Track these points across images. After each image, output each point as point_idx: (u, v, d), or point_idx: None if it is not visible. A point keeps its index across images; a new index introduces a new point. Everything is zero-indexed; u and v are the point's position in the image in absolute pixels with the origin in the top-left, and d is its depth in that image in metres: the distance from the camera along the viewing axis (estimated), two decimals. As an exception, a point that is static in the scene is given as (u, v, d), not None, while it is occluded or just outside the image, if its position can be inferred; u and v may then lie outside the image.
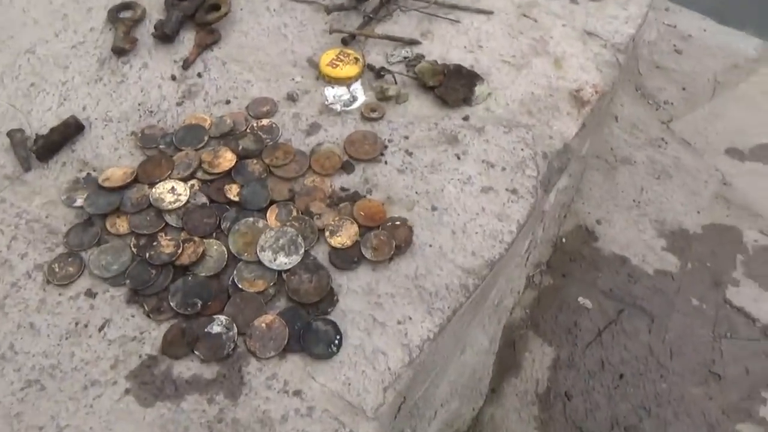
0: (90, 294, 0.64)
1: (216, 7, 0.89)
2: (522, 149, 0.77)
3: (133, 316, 0.63)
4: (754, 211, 1.58)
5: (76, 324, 0.62)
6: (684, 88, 1.84)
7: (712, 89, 1.87)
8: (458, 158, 0.76)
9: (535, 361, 1.41)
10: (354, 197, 0.72)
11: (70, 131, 0.75)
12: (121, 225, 0.68)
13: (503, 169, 0.75)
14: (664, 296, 1.50)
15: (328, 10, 0.88)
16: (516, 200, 0.72)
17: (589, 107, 0.83)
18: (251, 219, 0.68)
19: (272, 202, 0.70)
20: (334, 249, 0.67)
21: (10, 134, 0.74)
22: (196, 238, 0.67)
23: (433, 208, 0.71)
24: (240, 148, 0.74)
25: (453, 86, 0.81)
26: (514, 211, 0.71)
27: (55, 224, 0.69)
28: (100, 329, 0.62)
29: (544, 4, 0.96)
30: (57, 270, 0.65)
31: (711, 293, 1.49)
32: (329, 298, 0.64)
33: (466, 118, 0.80)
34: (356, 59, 0.84)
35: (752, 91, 1.84)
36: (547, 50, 0.89)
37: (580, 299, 1.54)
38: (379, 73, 0.83)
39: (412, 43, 0.88)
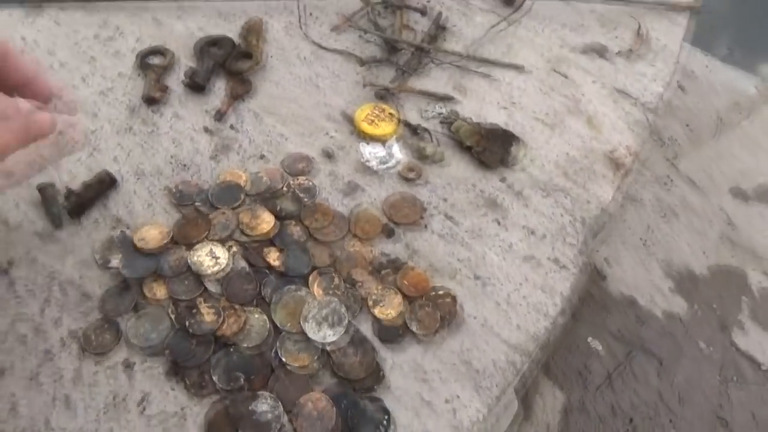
0: (128, 365, 0.62)
1: (247, 55, 0.88)
2: (561, 215, 0.76)
3: (173, 390, 0.61)
4: (758, 254, 1.60)
5: (114, 398, 0.60)
6: (688, 125, 1.87)
7: (716, 128, 1.90)
8: (498, 224, 0.75)
9: (546, 405, 1.41)
10: (396, 264, 0.71)
11: (104, 186, 0.72)
12: (159, 290, 0.66)
13: (544, 236, 0.75)
14: (672, 339, 1.51)
15: (362, 63, 0.87)
16: (558, 270, 0.72)
17: (623, 170, 0.83)
18: (293, 287, 0.67)
19: (314, 269, 0.69)
20: (378, 321, 0.66)
21: (40, 189, 0.71)
22: (237, 307, 0.65)
23: (476, 277, 0.71)
24: (278, 208, 0.73)
25: (490, 147, 0.81)
26: (557, 282, 0.71)
27: (89, 287, 0.67)
28: (139, 403, 0.60)
29: (573, 59, 0.96)
30: (93, 338, 0.63)
31: (718, 337, 1.51)
32: (375, 374, 0.63)
33: (503, 180, 0.80)
34: (391, 115, 0.83)
35: (754, 131, 1.88)
36: (580, 108, 0.89)
37: (590, 339, 1.55)
38: (415, 130, 0.82)
39: (446, 98, 0.87)
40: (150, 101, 0.82)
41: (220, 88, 0.86)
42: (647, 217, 1.69)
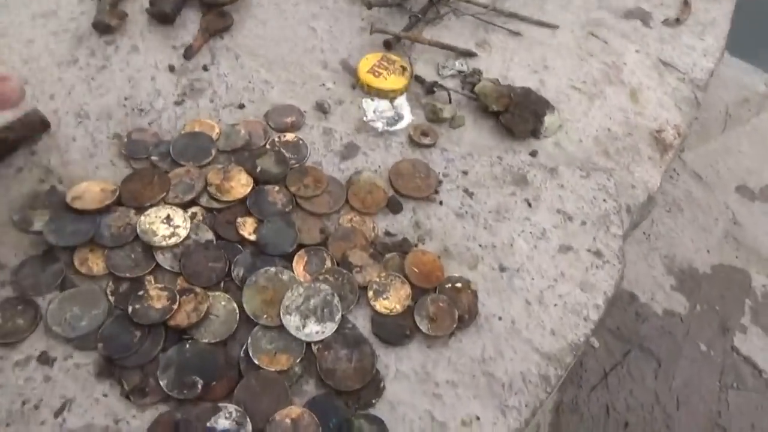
0: (45, 360, 0.46)
1: (230, -15, 0.72)
2: (604, 200, 0.63)
3: (105, 396, 0.45)
4: (763, 255, 1.51)
5: (23, 403, 0.44)
6: (696, 118, 1.77)
7: (724, 122, 1.81)
8: (529, 205, 0.61)
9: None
10: (403, 246, 0.56)
11: (30, 130, 0.56)
12: (95, 262, 0.51)
13: (583, 223, 0.61)
14: (671, 339, 1.42)
15: (369, 5, 0.72)
16: (601, 265, 0.58)
17: (671, 152, 0.70)
18: (273, 268, 0.52)
19: (300, 246, 0.55)
20: (379, 315, 0.52)
21: (-54, 124, 0.55)
22: (198, 289, 0.50)
23: (502, 268, 0.57)
24: (258, 169, 0.58)
25: (521, 114, 0.67)
26: (600, 280, 0.57)
27: (2, 253, 0.51)
28: (57, 414, 0.44)
29: (614, 24, 0.83)
30: (0, 322, 0.47)
31: (719, 339, 1.42)
32: (374, 384, 0.49)
33: (533, 154, 0.66)
34: (403, 68, 0.69)
35: (763, 128, 1.79)
36: (621, 79, 0.76)
37: (587, 342, 1.44)
38: (431, 88, 0.68)
39: (468, 54, 0.73)
40: (103, 29, 0.66)
41: (193, 21, 0.70)
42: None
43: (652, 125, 0.72)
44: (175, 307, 0.48)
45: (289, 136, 0.62)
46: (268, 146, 0.61)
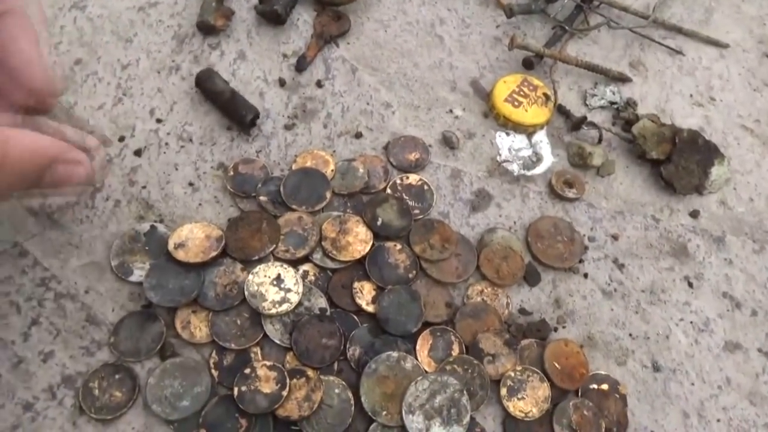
0: (144, 441, 0.42)
1: (348, -20, 0.62)
2: (781, 284, 0.53)
3: (207, 491, 0.41)
4: None
5: (120, 491, 0.41)
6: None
7: None
8: (689, 285, 0.52)
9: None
10: (542, 331, 0.48)
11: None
12: (198, 326, 0.45)
13: (754, 313, 0.51)
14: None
15: (510, 12, 0.61)
16: (775, 371, 0.49)
17: None
18: (395, 354, 0.45)
19: (425, 325, 0.47)
20: (513, 420, 0.45)
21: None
22: (310, 372, 0.44)
23: (656, 367, 0.48)
24: (379, 221, 0.50)
25: (685, 165, 0.56)
26: (774, 391, 0.48)
27: (98, 307, 0.46)
28: (157, 507, 0.40)
29: (794, 44, 0.68)
30: (97, 392, 0.43)
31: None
32: (505, 507, 0.42)
33: (694, 215, 0.55)
34: (546, 97, 0.58)
35: None
36: (803, 119, 0.63)
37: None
38: (578, 124, 0.57)
39: (622, 79, 0.61)
40: (207, 29, 0.58)
41: (305, 22, 0.61)
42: None
43: (840, 184, 0.59)
44: (285, 393, 0.43)
45: (413, 179, 0.53)
46: (389, 190, 0.52)
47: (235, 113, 0.54)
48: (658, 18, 0.65)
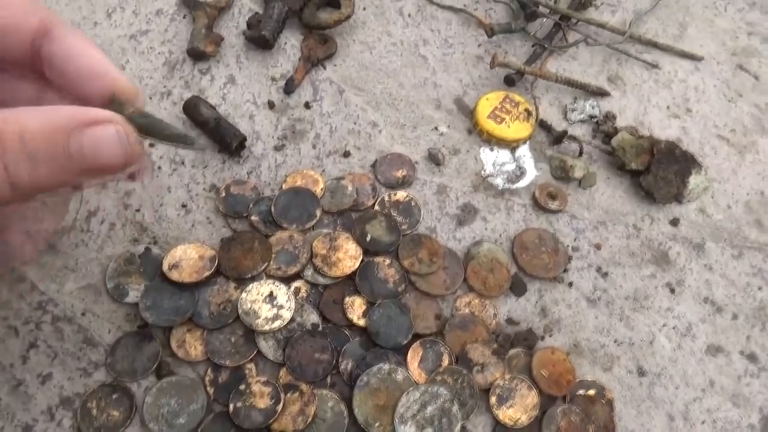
0: (142, 460, 0.43)
1: (333, 3, 0.64)
2: (759, 288, 0.54)
3: (204, 507, 0.42)
4: None
5: None
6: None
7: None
8: (671, 291, 0.53)
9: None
10: (529, 340, 0.49)
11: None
12: (193, 345, 0.46)
13: (735, 317, 0.53)
14: None
15: (491, 31, 0.63)
16: (756, 373, 0.50)
17: (837, 225, 0.60)
18: (386, 366, 0.46)
19: (415, 337, 0.49)
20: (503, 428, 0.46)
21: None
22: (304, 387, 0.45)
23: (641, 372, 0.49)
24: (368, 238, 0.52)
25: (663, 175, 0.58)
26: (755, 392, 0.49)
27: (95, 328, 0.47)
28: None
29: (766, 54, 0.71)
30: (95, 412, 0.44)
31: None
32: None
33: (674, 223, 0.57)
34: (527, 112, 0.60)
35: None
36: (777, 127, 0.65)
37: None
38: (559, 138, 0.59)
39: (600, 93, 0.63)
40: (197, 56, 0.60)
41: (293, 45, 0.63)
42: None
43: (814, 190, 0.61)
44: (279, 408, 0.44)
45: (400, 195, 0.55)
46: (377, 207, 0.54)
47: (221, 140, 0.55)
48: (634, 34, 0.68)
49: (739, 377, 0.50)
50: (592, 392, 0.48)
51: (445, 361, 0.47)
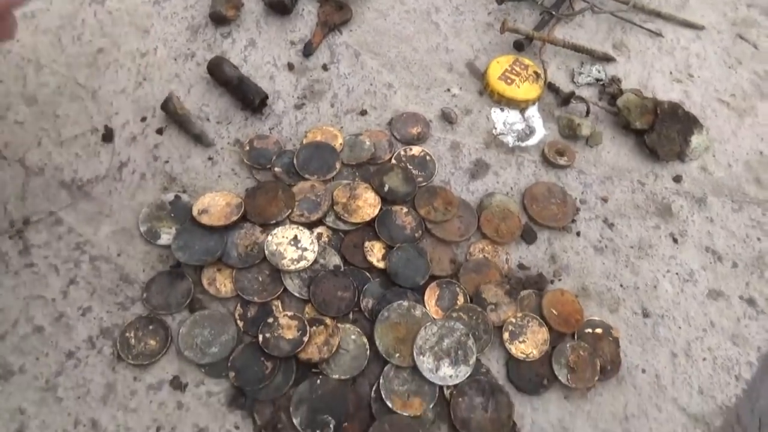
0: (177, 385, 0.45)
1: (349, -28, 0.67)
2: (758, 239, 0.57)
3: (237, 429, 0.44)
4: None
5: (157, 429, 0.44)
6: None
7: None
8: (674, 241, 0.56)
9: None
10: (539, 283, 0.52)
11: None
12: (223, 283, 0.49)
13: (734, 265, 0.55)
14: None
15: (500, -1, 0.66)
16: (755, 316, 0.53)
17: (832, 183, 0.62)
18: (405, 303, 0.49)
19: (432, 278, 0.51)
20: (515, 361, 0.49)
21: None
22: (328, 321, 0.48)
23: (645, 313, 0.52)
24: (385, 188, 0.54)
25: (666, 133, 0.60)
26: (753, 333, 0.52)
27: (130, 267, 0.49)
28: (190, 444, 0.44)
29: (765, 25, 0.73)
30: (133, 342, 0.46)
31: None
32: (510, 437, 0.46)
33: (678, 179, 0.60)
34: (536, 75, 0.63)
35: None
36: (775, 92, 0.68)
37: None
38: (567, 99, 0.61)
39: (606, 58, 0.66)
40: (219, 20, 0.62)
41: (310, 12, 0.66)
42: None
43: (810, 150, 0.64)
44: (306, 339, 0.46)
45: (416, 150, 0.58)
46: (394, 161, 0.57)
47: (244, 97, 0.58)
48: (637, 3, 0.70)
49: (738, 319, 0.53)
50: (599, 330, 0.51)
51: (461, 300, 0.50)
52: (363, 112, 0.60)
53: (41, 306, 0.47)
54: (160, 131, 0.56)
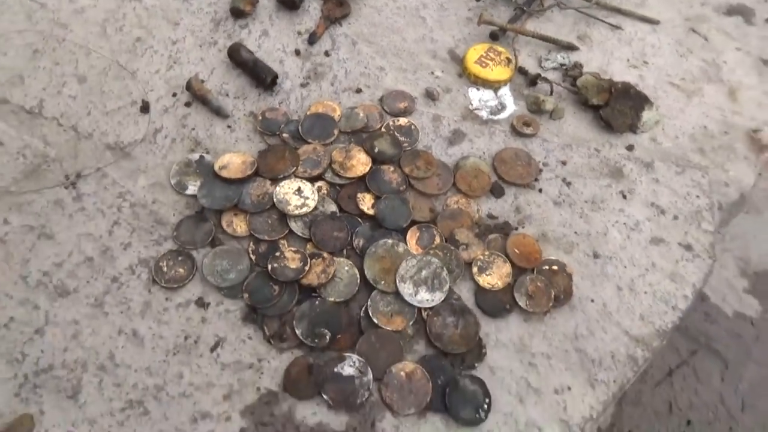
0: (201, 304, 0.55)
1: (349, -25, 0.78)
2: (697, 196, 0.66)
3: (250, 339, 0.54)
4: None
5: (185, 338, 0.53)
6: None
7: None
8: (623, 197, 0.65)
9: (600, 394, 1.33)
10: (505, 228, 0.62)
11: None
12: (239, 225, 0.59)
13: (675, 217, 0.64)
14: (741, 342, 1.41)
15: (478, -4, 0.76)
16: (691, 259, 0.62)
17: (767, 153, 0.71)
18: (390, 240, 0.59)
19: (413, 223, 0.61)
20: (482, 290, 0.58)
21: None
22: (325, 254, 0.57)
23: (596, 255, 0.61)
24: (376, 150, 0.64)
25: (620, 108, 0.70)
26: (689, 273, 0.61)
27: (163, 212, 0.60)
28: (213, 349, 0.53)
29: (716, 20, 0.83)
30: (165, 269, 0.56)
31: (790, 345, 1.41)
32: (476, 349, 0.55)
33: (630, 148, 0.69)
34: (508, 60, 0.73)
35: None
36: (720, 77, 0.77)
37: (653, 333, 1.45)
38: (534, 80, 0.71)
39: (570, 47, 0.76)
40: (237, 14, 0.73)
41: (315, 8, 0.76)
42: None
43: (749, 125, 0.73)
44: (307, 268, 0.56)
45: (402, 121, 0.68)
46: (383, 129, 0.67)
47: (258, 76, 0.68)
48: (600, 1, 0.81)
49: (676, 261, 0.62)
50: (555, 267, 0.60)
51: (437, 241, 0.60)
52: (358, 90, 0.70)
53: (91, 241, 0.57)
54: (188, 104, 0.66)
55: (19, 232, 0.57)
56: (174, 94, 0.67)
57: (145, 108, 0.65)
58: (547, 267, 0.60)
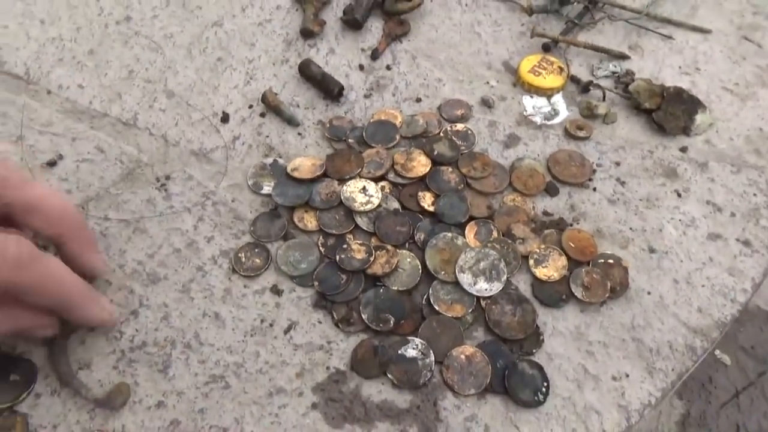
0: (276, 291, 0.60)
1: (407, -3, 0.84)
2: (755, 194, 0.66)
3: (320, 323, 0.58)
4: None
5: (262, 321, 0.58)
6: None
7: None
8: (678, 195, 0.67)
9: (662, 412, 1.29)
10: (560, 225, 0.64)
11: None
12: (309, 221, 0.64)
13: (732, 215, 0.65)
14: (812, 365, 1.35)
15: (530, 11, 0.81)
16: (750, 254, 0.62)
17: (829, 154, 0.71)
18: (449, 234, 0.62)
19: (471, 218, 0.64)
20: (538, 281, 0.60)
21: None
22: (389, 247, 0.62)
23: (651, 250, 0.63)
24: (435, 153, 0.68)
25: (672, 111, 0.72)
26: (748, 267, 0.61)
27: (241, 210, 0.66)
28: (286, 331, 0.58)
29: (769, 28, 0.84)
30: (243, 260, 0.62)
31: None
32: (534, 336, 0.57)
33: (684, 150, 0.70)
34: (560, 69, 0.76)
35: None
36: (776, 81, 0.78)
37: (717, 352, 1.41)
38: (586, 87, 0.74)
39: (622, 56, 0.79)
40: (307, 34, 0.80)
41: (377, 27, 0.82)
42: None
43: (808, 127, 0.73)
44: (372, 259, 0.60)
45: (459, 126, 0.72)
46: (442, 134, 0.71)
47: (326, 88, 0.74)
48: (650, 12, 0.83)
49: (734, 256, 0.62)
50: (611, 261, 0.61)
51: (495, 235, 0.63)
52: (418, 100, 0.75)
53: (179, 235, 0.63)
54: (263, 115, 0.73)
55: (117, 226, 0.64)
56: (250, 106, 0.74)
57: (225, 119, 0.72)
58: (602, 260, 0.61)
